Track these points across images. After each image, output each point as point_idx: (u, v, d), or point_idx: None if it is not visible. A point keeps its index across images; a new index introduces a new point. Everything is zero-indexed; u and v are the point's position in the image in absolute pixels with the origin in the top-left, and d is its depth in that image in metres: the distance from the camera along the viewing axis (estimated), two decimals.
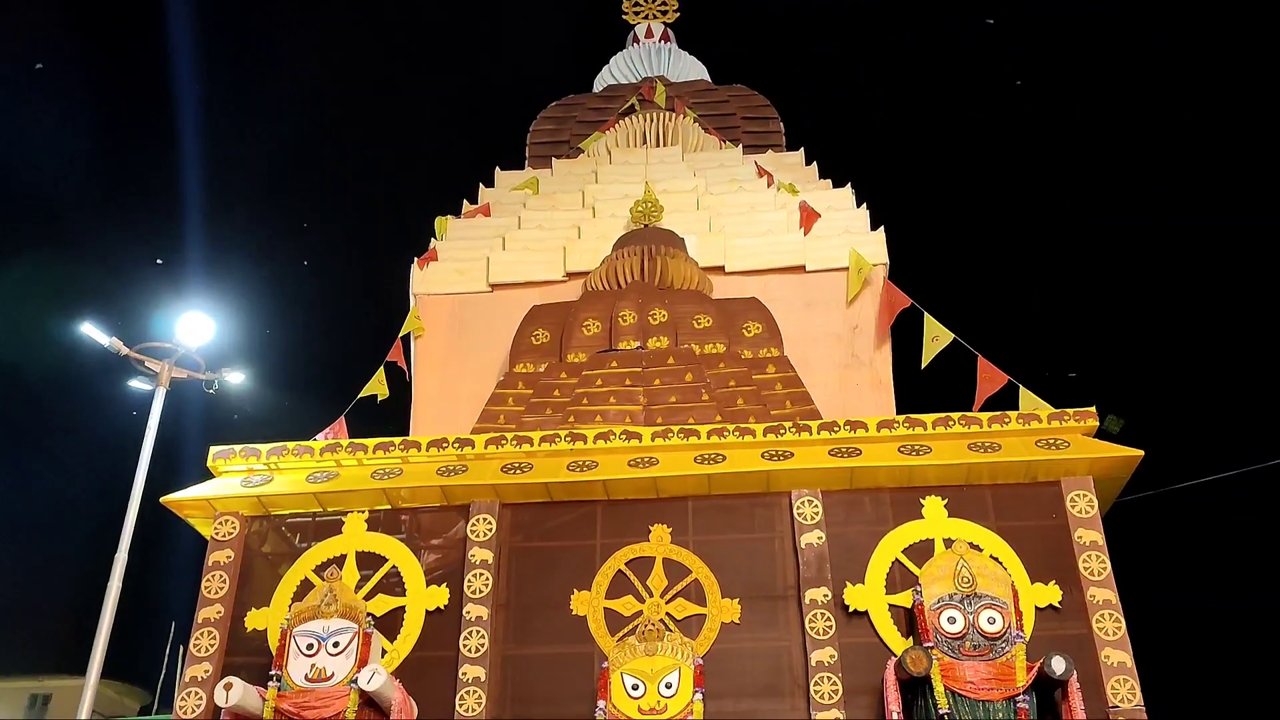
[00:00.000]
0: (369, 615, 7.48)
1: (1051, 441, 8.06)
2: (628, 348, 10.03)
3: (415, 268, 12.00)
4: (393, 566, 8.02)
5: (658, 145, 14.14)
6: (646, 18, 16.69)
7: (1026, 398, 9.51)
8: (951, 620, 7.08)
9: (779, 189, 12.67)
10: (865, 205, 12.35)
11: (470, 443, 8.53)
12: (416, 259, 12.07)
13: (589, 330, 10.26)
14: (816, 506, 7.97)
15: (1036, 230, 30.15)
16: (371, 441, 8.64)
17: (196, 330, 12.61)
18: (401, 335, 11.57)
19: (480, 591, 7.82)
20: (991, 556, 7.54)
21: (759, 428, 8.38)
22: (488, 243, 12.22)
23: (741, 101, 15.03)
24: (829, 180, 13.19)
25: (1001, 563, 7.51)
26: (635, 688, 6.99)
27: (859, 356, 11.03)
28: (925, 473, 7.98)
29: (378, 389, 11.32)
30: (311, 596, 7.52)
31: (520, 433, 8.64)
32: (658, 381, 9.54)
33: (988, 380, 10.03)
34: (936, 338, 10.51)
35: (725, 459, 8.15)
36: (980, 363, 10.14)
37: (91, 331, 12.13)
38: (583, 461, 8.27)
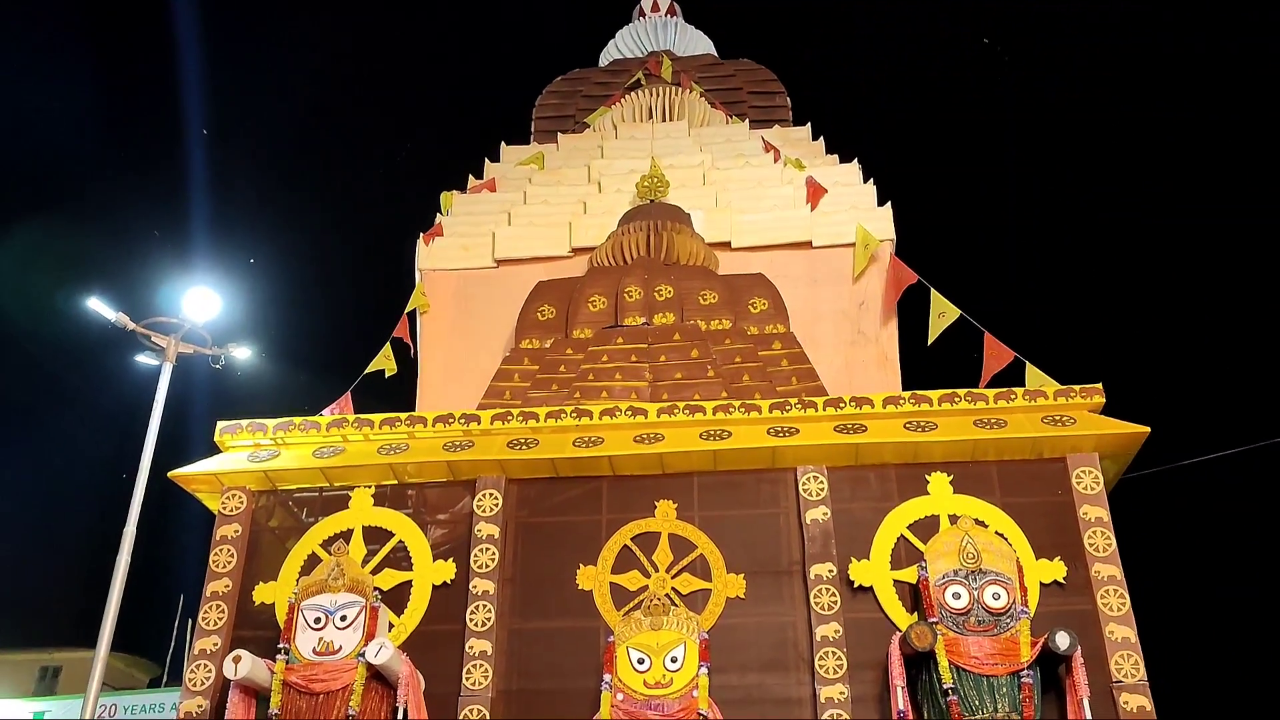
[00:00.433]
0: (376, 589, 7.52)
1: (1057, 418, 8.05)
2: (633, 323, 10.02)
3: (421, 243, 11.98)
4: (399, 541, 8.06)
5: (664, 120, 14.09)
6: None
7: (1033, 374, 9.49)
8: (956, 596, 7.10)
9: (785, 164, 12.60)
10: (872, 181, 12.28)
11: (476, 418, 8.54)
12: (422, 234, 12.05)
13: (595, 306, 10.25)
14: (822, 482, 7.97)
15: (1042, 207, 30.03)
16: (378, 417, 8.66)
17: (203, 305, 12.58)
18: (407, 311, 11.58)
19: (486, 566, 7.85)
20: (997, 532, 7.55)
21: (765, 404, 8.37)
22: (493, 218, 12.18)
23: (748, 76, 14.94)
24: (836, 155, 13.11)
25: (1006, 538, 7.52)
26: (641, 662, 7.02)
27: (865, 332, 11.01)
28: (931, 449, 7.98)
29: (384, 364, 11.35)
30: (319, 571, 7.55)
31: (526, 408, 8.64)
32: (663, 357, 9.54)
33: (994, 356, 10.01)
34: (943, 314, 10.48)
35: (731, 435, 8.16)
36: (986, 339, 10.12)
37: (98, 306, 12.11)
38: (588, 437, 8.27)
